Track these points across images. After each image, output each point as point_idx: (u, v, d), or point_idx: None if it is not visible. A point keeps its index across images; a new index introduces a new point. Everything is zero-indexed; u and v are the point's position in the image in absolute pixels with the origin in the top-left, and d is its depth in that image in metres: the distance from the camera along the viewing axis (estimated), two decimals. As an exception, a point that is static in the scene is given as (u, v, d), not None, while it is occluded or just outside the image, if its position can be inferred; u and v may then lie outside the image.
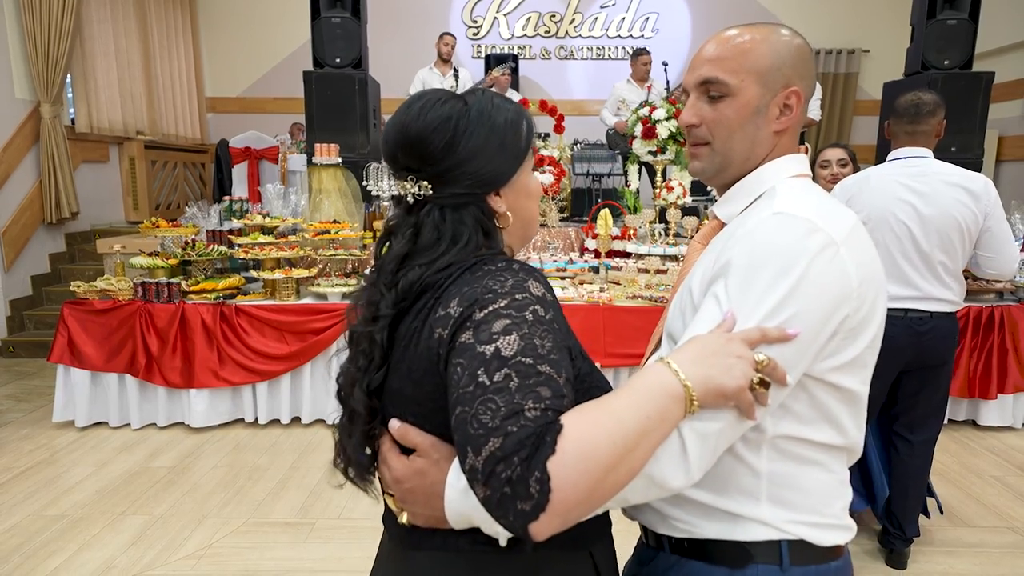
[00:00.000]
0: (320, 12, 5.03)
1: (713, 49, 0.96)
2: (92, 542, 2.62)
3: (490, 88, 6.68)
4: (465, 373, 0.71)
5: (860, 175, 2.36)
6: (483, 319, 0.74)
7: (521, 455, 0.65)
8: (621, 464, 0.68)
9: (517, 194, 0.90)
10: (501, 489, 0.65)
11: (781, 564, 0.85)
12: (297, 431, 3.75)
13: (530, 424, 0.66)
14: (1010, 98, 6.75)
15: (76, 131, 6.19)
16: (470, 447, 0.67)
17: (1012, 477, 3.25)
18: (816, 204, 0.87)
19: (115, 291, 3.74)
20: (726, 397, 0.74)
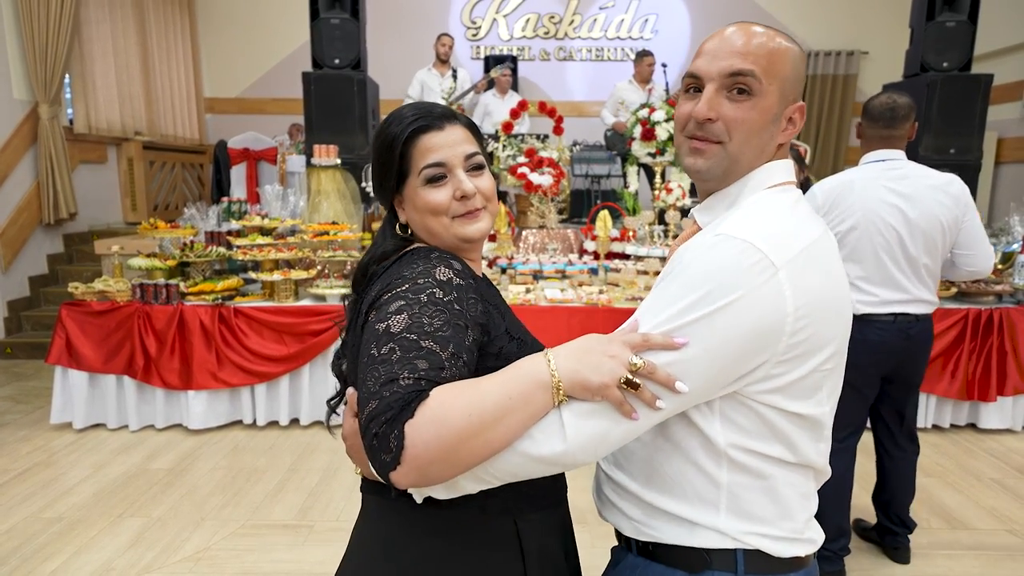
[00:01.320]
0: (319, 13, 5.02)
1: (743, 41, 0.90)
2: (90, 544, 2.61)
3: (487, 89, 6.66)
4: (365, 347, 0.85)
5: (840, 179, 2.32)
6: (385, 301, 0.87)
7: (387, 415, 0.76)
8: (477, 435, 0.76)
9: (408, 206, 1.00)
10: (371, 442, 0.78)
11: (736, 572, 0.87)
12: (295, 433, 3.75)
13: (400, 391, 0.77)
14: (1009, 100, 6.76)
15: (74, 132, 6.18)
16: (360, 407, 0.81)
17: (1011, 480, 3.25)
18: (769, 223, 0.86)
19: (113, 292, 3.73)
20: (590, 391, 0.79)
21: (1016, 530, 2.80)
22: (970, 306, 3.77)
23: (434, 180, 0.96)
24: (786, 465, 0.88)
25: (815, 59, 8.29)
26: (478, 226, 0.99)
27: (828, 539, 2.39)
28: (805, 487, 0.92)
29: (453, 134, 0.98)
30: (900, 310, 2.29)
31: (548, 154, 5.15)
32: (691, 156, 0.93)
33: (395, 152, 0.97)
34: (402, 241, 1.00)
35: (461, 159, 0.97)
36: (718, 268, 0.80)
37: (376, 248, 1.01)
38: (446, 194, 0.96)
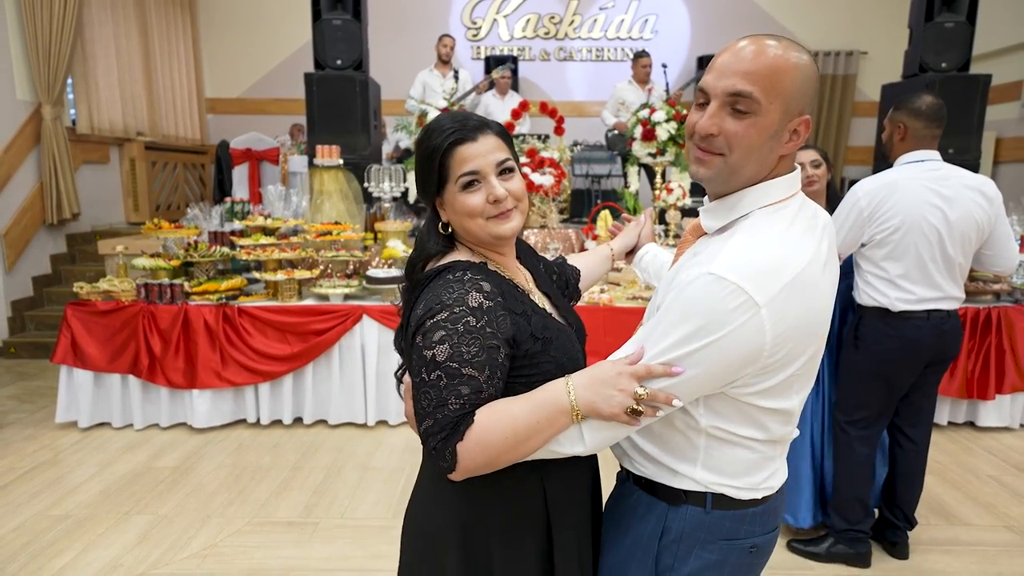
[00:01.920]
0: (321, 14, 5.04)
1: (748, 59, 0.95)
2: (98, 541, 2.64)
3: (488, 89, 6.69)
4: (415, 367, 1.02)
5: (883, 180, 2.32)
6: (429, 328, 1.01)
7: (441, 436, 0.99)
8: (513, 449, 0.99)
9: (448, 208, 1.11)
10: (431, 452, 1.01)
11: (705, 508, 1.07)
12: (299, 431, 3.77)
13: (450, 414, 0.99)
14: (1007, 100, 6.79)
15: (77, 132, 6.21)
16: (417, 418, 1.02)
17: (1009, 476, 3.28)
18: (758, 258, 0.94)
19: (118, 292, 3.76)
20: (603, 417, 0.98)
21: (1014, 526, 2.83)
22: (969, 305, 3.80)
23: (469, 186, 1.08)
24: (756, 442, 1.06)
25: (814, 59, 8.30)
26: (510, 225, 1.10)
27: (853, 520, 2.48)
28: (771, 453, 1.09)
29: (486, 143, 1.08)
30: (934, 307, 2.35)
31: (549, 154, 5.18)
32: (695, 164, 1.04)
33: (435, 162, 1.08)
34: (445, 240, 1.14)
35: (493, 166, 1.08)
36: (709, 308, 0.93)
37: (423, 246, 1.14)
38: (480, 199, 1.07)
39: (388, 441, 3.65)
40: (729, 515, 1.07)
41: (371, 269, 4.00)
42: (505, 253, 1.17)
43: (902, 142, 2.38)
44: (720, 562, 1.08)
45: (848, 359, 2.50)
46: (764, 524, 1.11)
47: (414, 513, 1.20)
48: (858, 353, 2.44)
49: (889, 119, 2.40)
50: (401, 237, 4.39)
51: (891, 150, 2.41)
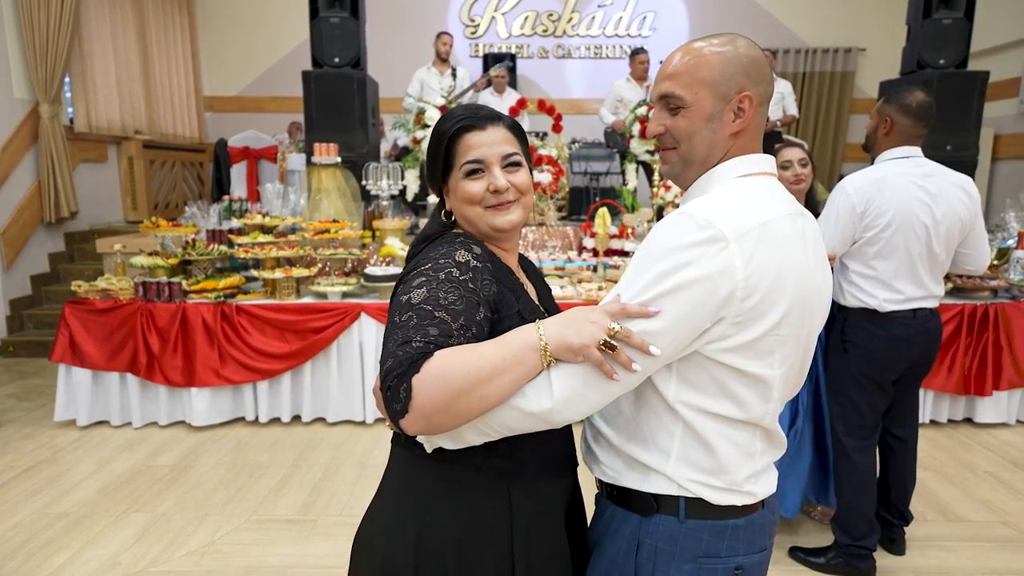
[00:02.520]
0: (319, 12, 5.04)
1: (670, 65, 1.07)
2: (96, 539, 2.64)
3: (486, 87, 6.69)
4: (389, 316, 0.99)
5: (871, 177, 2.28)
6: (410, 277, 1.01)
7: (398, 371, 0.90)
8: (474, 389, 0.89)
9: (452, 196, 1.12)
10: (386, 394, 0.91)
11: (679, 516, 1.02)
12: (298, 429, 3.78)
13: (411, 351, 0.91)
14: (1005, 97, 6.79)
15: (75, 131, 6.20)
16: (380, 365, 0.94)
17: (1005, 472, 3.29)
18: (730, 203, 0.98)
19: (116, 291, 3.76)
20: (573, 352, 0.91)
21: (1010, 522, 2.84)
22: (966, 302, 3.81)
23: (472, 174, 1.08)
24: (732, 423, 1.01)
25: (813, 56, 8.31)
26: (508, 217, 1.09)
27: (857, 535, 2.43)
28: (750, 446, 1.04)
29: (495, 134, 1.09)
30: (919, 305, 2.32)
31: (547, 152, 5.18)
32: (661, 164, 1.15)
33: (441, 147, 1.10)
34: (444, 227, 1.14)
35: (499, 158, 1.08)
36: (678, 244, 0.93)
37: (423, 231, 1.17)
38: (481, 186, 1.08)
39: (387, 439, 3.63)
40: (707, 526, 1.01)
41: (369, 267, 4.00)
42: (507, 249, 1.15)
43: (886, 136, 2.32)
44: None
45: (838, 365, 2.43)
46: (750, 542, 1.03)
47: (364, 523, 1.14)
48: (848, 357, 2.38)
49: (877, 111, 2.34)
50: (399, 235, 4.39)
51: (874, 143, 2.36)
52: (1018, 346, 3.77)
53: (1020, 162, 6.71)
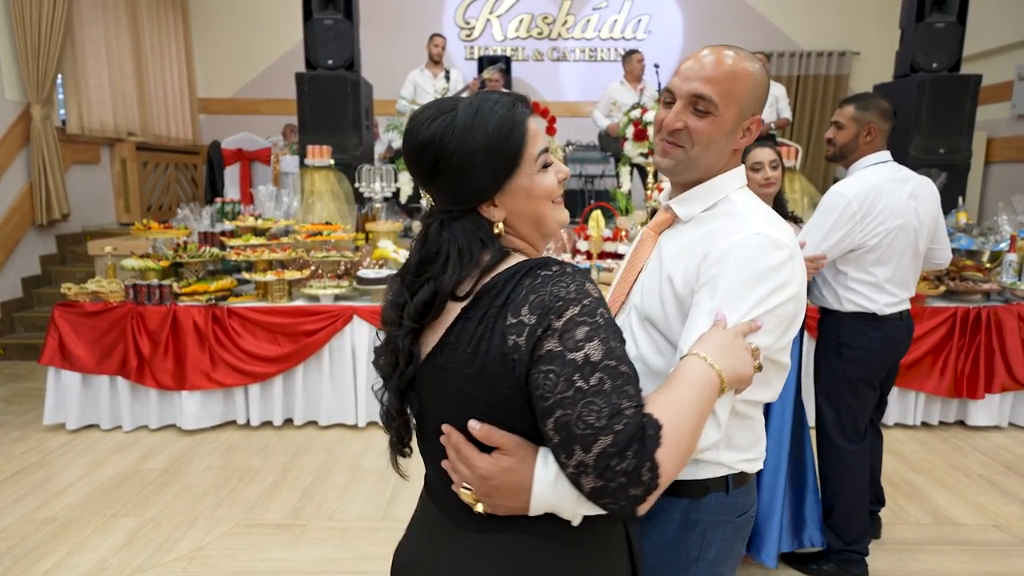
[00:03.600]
0: (312, 14, 5.03)
1: (709, 67, 1.09)
2: (83, 544, 2.62)
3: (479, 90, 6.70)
4: (560, 379, 0.79)
5: (868, 182, 2.26)
6: (564, 327, 0.81)
7: (633, 449, 0.77)
8: (693, 443, 0.85)
9: (515, 199, 0.91)
10: (616, 480, 0.77)
11: (727, 491, 1.13)
12: (289, 433, 3.75)
13: (631, 421, 0.78)
14: (998, 100, 6.81)
15: (67, 132, 6.17)
16: (578, 445, 0.78)
17: (998, 476, 3.29)
18: (774, 221, 1.09)
19: (106, 293, 3.73)
20: (745, 381, 0.94)
21: (1003, 525, 2.83)
22: (958, 304, 3.81)
23: (547, 165, 0.93)
24: (757, 406, 1.15)
25: (807, 59, 8.33)
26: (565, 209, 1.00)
27: (851, 539, 2.43)
28: (761, 421, 1.19)
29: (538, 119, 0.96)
30: (906, 307, 2.37)
31: (541, 154, 5.16)
32: (660, 155, 1.16)
33: (514, 139, 0.88)
34: (500, 249, 0.90)
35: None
36: (770, 264, 1.02)
37: (471, 258, 0.89)
38: (554, 178, 0.94)
39: (379, 442, 3.64)
40: (742, 490, 1.14)
41: (362, 270, 3.99)
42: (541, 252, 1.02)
43: (868, 143, 2.32)
44: (733, 537, 1.15)
45: (833, 371, 2.41)
46: (753, 487, 1.18)
47: None
48: (844, 361, 2.37)
49: (853, 119, 2.30)
50: (392, 237, 4.37)
51: (853, 151, 2.34)
52: (1010, 349, 3.77)
53: (1013, 166, 6.73)
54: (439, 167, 0.88)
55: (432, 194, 0.94)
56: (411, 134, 0.90)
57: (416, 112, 0.92)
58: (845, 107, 2.35)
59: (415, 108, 4.81)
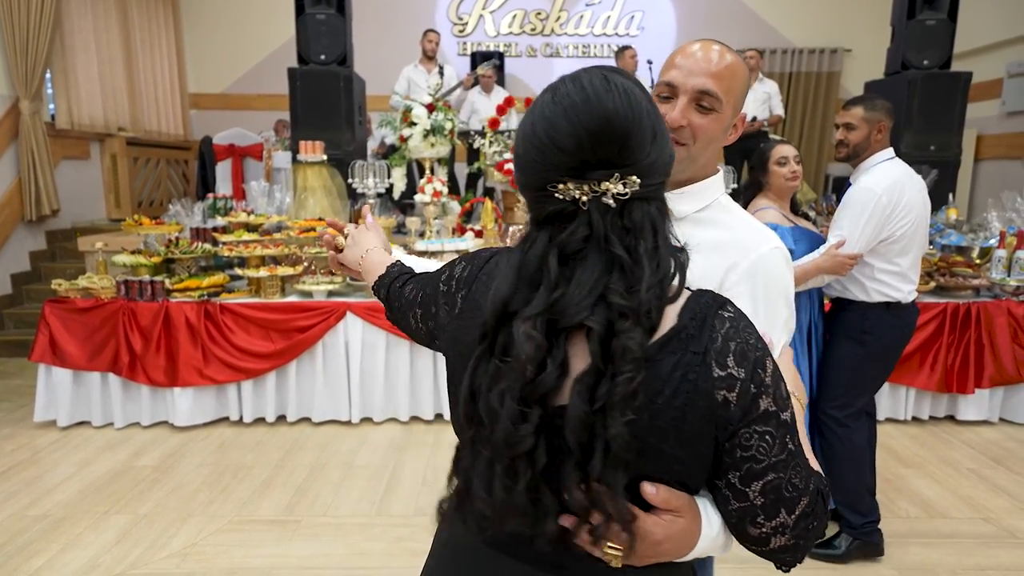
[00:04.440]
0: (304, 8, 5.00)
1: (714, 63, 1.06)
2: (75, 541, 2.60)
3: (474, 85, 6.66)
4: (776, 442, 0.74)
5: (892, 177, 2.35)
6: (772, 383, 0.75)
7: (820, 507, 0.78)
8: None
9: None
10: (809, 538, 0.78)
11: None
12: (283, 429, 3.74)
13: (816, 480, 0.79)
14: (988, 98, 6.86)
15: (56, 127, 6.11)
16: (784, 508, 0.76)
17: (987, 469, 3.32)
18: (771, 229, 1.13)
19: (97, 289, 3.70)
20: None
21: (991, 518, 2.87)
22: (948, 300, 3.84)
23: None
24: None
25: (799, 56, 8.36)
26: None
27: (866, 511, 2.53)
28: None
29: None
30: (915, 296, 2.50)
31: (535, 150, 5.16)
32: None
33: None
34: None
35: None
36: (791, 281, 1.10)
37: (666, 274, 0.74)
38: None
39: (372, 438, 3.63)
40: None
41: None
42: None
43: (880, 141, 2.42)
44: None
45: (853, 357, 2.49)
46: None
47: None
48: (865, 348, 2.46)
49: (865, 120, 2.40)
50: (385, 233, 4.36)
51: (866, 149, 2.43)
52: (1000, 344, 3.80)
53: (1002, 162, 6.78)
54: (657, 134, 0.75)
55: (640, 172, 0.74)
56: (625, 99, 0.73)
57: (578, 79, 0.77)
58: (853, 109, 2.44)
59: (408, 103, 4.81)
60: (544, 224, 0.76)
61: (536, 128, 0.75)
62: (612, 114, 0.73)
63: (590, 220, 0.73)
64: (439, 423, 3.82)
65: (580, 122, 0.73)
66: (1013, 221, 4.18)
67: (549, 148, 0.74)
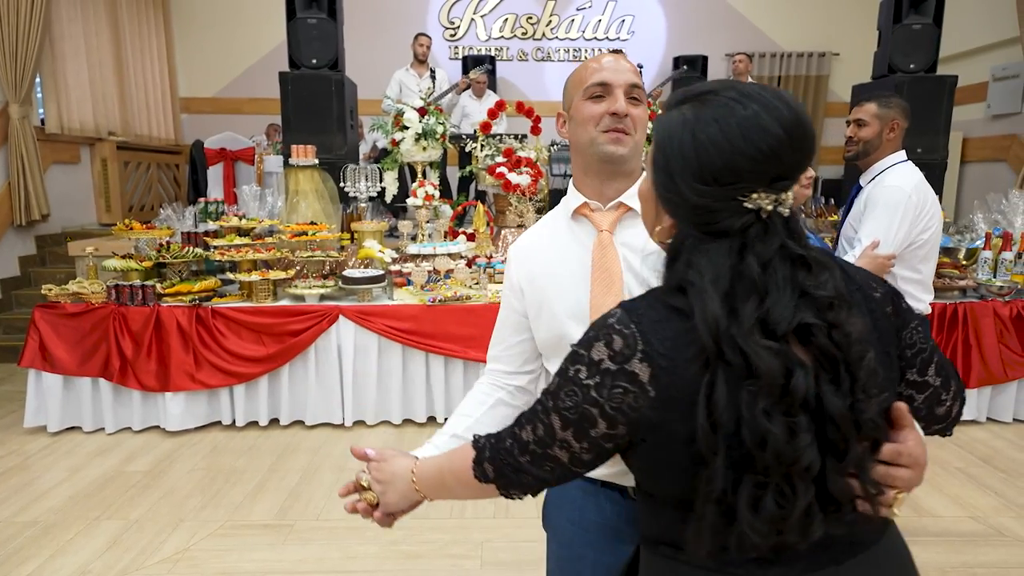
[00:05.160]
0: (296, 13, 5.01)
1: (627, 66, 1.18)
2: (66, 547, 2.59)
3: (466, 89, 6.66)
4: (923, 329, 0.89)
5: (917, 177, 2.27)
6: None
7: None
8: None
9: None
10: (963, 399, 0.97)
11: None
12: (275, 433, 3.74)
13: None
14: (973, 101, 6.94)
15: (46, 132, 6.08)
16: (954, 379, 0.93)
17: (975, 468, 3.36)
18: None
19: (88, 294, 3.69)
20: None
21: (978, 517, 2.90)
22: (936, 301, 3.88)
23: None
24: None
25: (788, 60, 8.43)
26: None
27: None
28: None
29: None
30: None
31: (526, 154, 5.19)
32: (613, 144, 1.16)
33: None
34: None
35: None
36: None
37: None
38: None
39: (365, 441, 3.64)
40: None
41: (347, 269, 3.98)
42: None
43: (891, 140, 2.33)
44: None
45: None
46: None
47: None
48: None
49: (877, 116, 2.32)
50: (378, 237, 4.37)
51: (877, 147, 2.35)
52: (986, 344, 3.85)
53: (988, 165, 6.86)
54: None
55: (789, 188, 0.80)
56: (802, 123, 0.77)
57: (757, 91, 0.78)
58: (866, 105, 2.34)
59: (399, 107, 4.82)
60: (720, 235, 0.77)
61: (749, 135, 0.75)
62: (811, 127, 0.79)
63: (777, 228, 0.77)
64: (432, 426, 3.83)
65: (796, 134, 0.76)
66: (999, 223, 4.24)
67: (767, 157, 0.75)
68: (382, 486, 1.06)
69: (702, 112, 0.78)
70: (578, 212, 1.21)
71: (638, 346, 0.76)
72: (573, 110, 1.20)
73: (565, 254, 1.20)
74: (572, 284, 1.16)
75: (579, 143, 1.20)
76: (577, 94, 1.19)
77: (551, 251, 1.23)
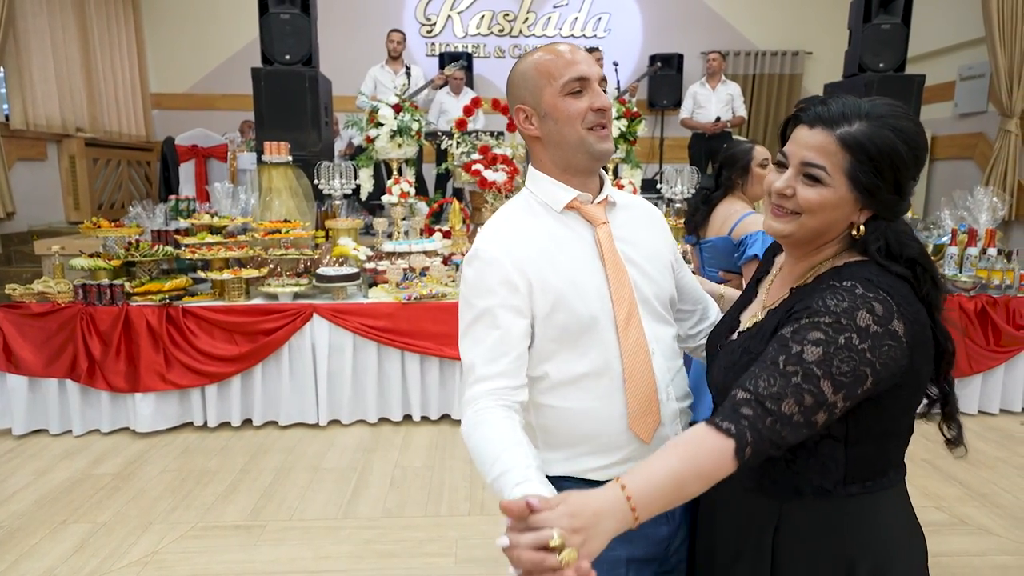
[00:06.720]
0: (268, 7, 4.94)
1: (589, 54, 1.22)
2: (31, 552, 2.54)
3: (443, 86, 6.63)
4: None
5: None
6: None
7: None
8: None
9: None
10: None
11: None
12: (248, 433, 3.70)
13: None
14: (941, 100, 7.08)
15: (11, 128, 5.94)
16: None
17: (940, 460, 3.43)
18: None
19: (54, 294, 3.61)
20: None
21: (943, 506, 2.97)
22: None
23: None
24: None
25: (762, 58, 8.53)
26: None
27: None
28: None
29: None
30: None
31: (502, 151, 5.18)
32: (604, 142, 1.19)
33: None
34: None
35: None
36: None
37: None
38: None
39: (340, 441, 3.61)
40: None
41: (322, 267, 3.94)
42: None
43: None
44: None
45: None
46: None
47: None
48: None
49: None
50: (352, 235, 4.34)
51: None
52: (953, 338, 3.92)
53: (955, 162, 7.01)
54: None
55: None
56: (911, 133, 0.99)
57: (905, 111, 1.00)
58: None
59: (374, 104, 4.79)
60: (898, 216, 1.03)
61: (924, 140, 1.00)
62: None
63: None
64: (407, 424, 3.81)
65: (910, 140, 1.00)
66: (964, 219, 4.33)
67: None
68: (582, 535, 0.82)
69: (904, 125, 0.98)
70: (569, 207, 1.21)
71: (894, 308, 0.93)
72: (547, 106, 1.16)
73: (571, 250, 1.19)
74: (586, 277, 1.18)
75: (563, 140, 1.17)
76: (548, 88, 1.15)
77: (554, 248, 1.18)
